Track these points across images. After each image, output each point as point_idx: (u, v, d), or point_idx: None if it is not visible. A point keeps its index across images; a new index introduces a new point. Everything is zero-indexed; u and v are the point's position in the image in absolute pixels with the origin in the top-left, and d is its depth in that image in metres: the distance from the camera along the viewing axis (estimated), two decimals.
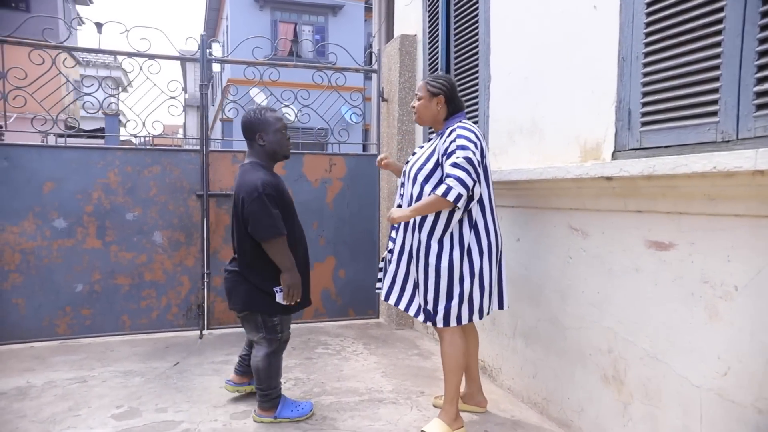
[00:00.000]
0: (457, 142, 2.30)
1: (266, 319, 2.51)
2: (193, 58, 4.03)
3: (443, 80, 2.52)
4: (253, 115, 2.55)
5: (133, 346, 3.76)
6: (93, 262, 3.85)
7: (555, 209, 2.61)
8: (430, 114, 2.52)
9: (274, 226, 2.34)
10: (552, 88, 2.65)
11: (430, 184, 2.38)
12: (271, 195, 2.37)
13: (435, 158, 2.41)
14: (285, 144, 2.60)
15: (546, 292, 2.67)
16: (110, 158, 3.88)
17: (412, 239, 2.45)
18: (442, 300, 2.36)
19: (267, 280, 2.46)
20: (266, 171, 2.49)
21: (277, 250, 2.39)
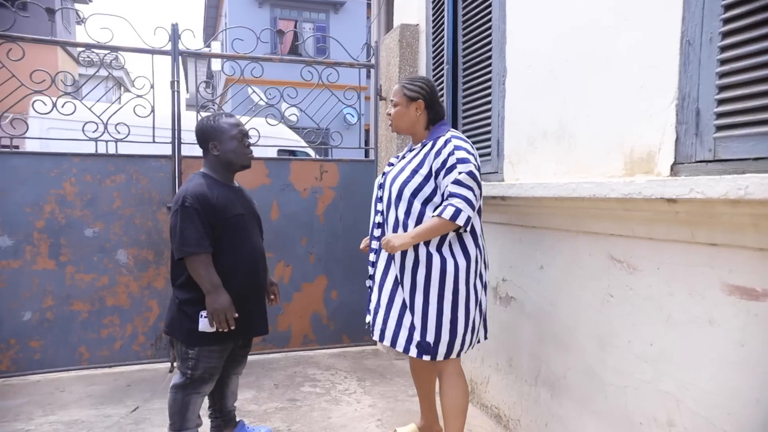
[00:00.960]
0: (456, 155, 2.06)
1: (182, 349, 2.17)
2: (162, 51, 3.52)
3: (422, 83, 2.25)
4: (206, 122, 2.24)
5: (90, 384, 3.25)
6: (44, 286, 3.35)
7: (590, 234, 2.09)
8: (408, 121, 2.25)
9: (189, 243, 2.06)
10: (587, 83, 2.12)
11: (420, 200, 2.10)
12: (193, 208, 2.08)
13: (424, 171, 2.12)
14: (242, 153, 2.28)
15: (578, 335, 2.15)
16: (66, 165, 3.38)
17: (402, 255, 2.13)
18: (446, 326, 2.07)
19: (191, 302, 2.13)
20: (206, 181, 2.18)
21: (194, 270, 2.08)
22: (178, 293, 2.16)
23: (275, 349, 3.88)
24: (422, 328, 2.08)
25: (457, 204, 1.99)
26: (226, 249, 2.15)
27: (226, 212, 2.17)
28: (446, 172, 2.05)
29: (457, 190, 2.01)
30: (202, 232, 2.07)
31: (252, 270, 2.26)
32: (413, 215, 2.11)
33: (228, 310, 2.08)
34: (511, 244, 2.67)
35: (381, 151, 4.16)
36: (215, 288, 2.08)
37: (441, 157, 2.08)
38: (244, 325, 2.20)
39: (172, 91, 3.54)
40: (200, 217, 2.08)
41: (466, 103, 3.14)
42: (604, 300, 2.01)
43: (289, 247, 3.89)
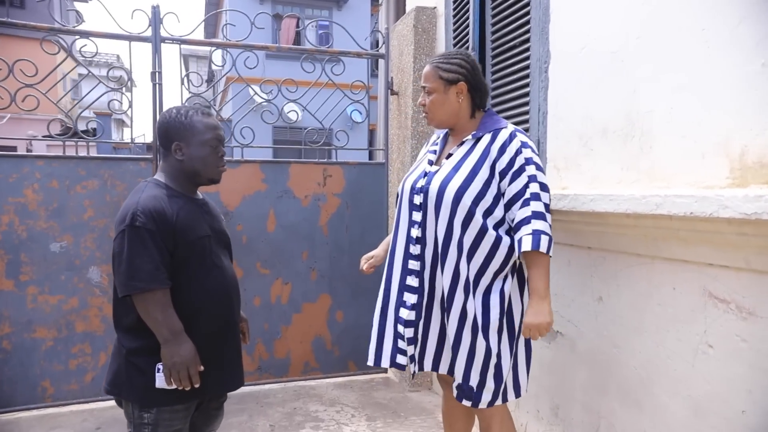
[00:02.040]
0: (525, 155, 1.69)
1: (134, 412, 1.63)
2: (141, 37, 3.05)
3: (460, 59, 1.79)
4: (173, 116, 1.70)
5: (52, 427, 2.77)
6: (0, 311, 2.87)
7: (675, 261, 1.60)
8: (449, 111, 1.81)
9: (140, 276, 1.54)
10: (671, 64, 1.63)
11: (482, 210, 1.69)
12: (146, 228, 1.55)
13: (485, 174, 1.71)
14: (213, 164, 1.74)
15: (658, 392, 1.66)
16: (27, 170, 2.91)
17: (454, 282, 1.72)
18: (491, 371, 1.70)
19: (143, 350, 1.61)
20: (163, 193, 1.65)
21: (146, 312, 1.56)
22: (125, 340, 1.63)
23: (272, 378, 3.40)
24: (465, 371, 1.72)
25: (543, 228, 1.63)
26: (188, 282, 1.64)
27: (189, 234, 1.65)
28: (513, 176, 1.68)
29: (535, 208, 1.64)
30: (157, 261, 1.55)
31: (223, 306, 1.75)
32: (473, 229, 1.68)
33: (191, 363, 1.57)
34: (556, 267, 2.18)
35: (392, 153, 3.68)
36: (175, 335, 1.57)
37: (506, 155, 1.69)
38: (215, 378, 1.69)
39: (152, 84, 3.07)
40: (155, 242, 1.56)
41: (497, 97, 2.66)
42: (698, 350, 1.52)
43: (288, 262, 3.41)
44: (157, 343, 1.57)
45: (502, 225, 1.72)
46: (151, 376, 1.58)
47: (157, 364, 1.58)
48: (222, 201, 3.22)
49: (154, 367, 1.58)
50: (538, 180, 1.68)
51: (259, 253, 3.35)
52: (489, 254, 1.69)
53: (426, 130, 3.42)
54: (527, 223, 1.64)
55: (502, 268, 1.72)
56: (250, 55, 3.26)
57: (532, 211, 1.64)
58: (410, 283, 1.81)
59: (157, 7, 3.06)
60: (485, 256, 1.69)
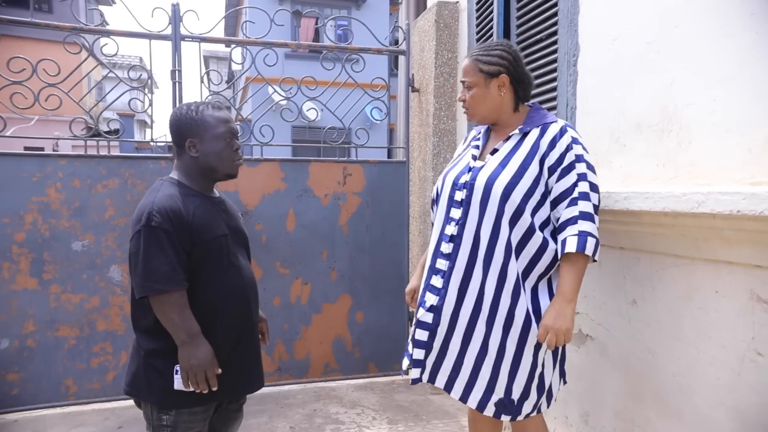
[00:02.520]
0: (575, 151, 1.60)
1: (153, 414, 1.61)
2: (160, 35, 3.04)
3: (501, 50, 1.69)
4: (185, 112, 1.66)
5: (75, 426, 2.78)
6: (25, 309, 2.89)
7: (717, 263, 1.51)
8: (491, 105, 1.71)
9: (156, 277, 1.50)
10: (711, 54, 1.54)
11: (531, 208, 1.60)
12: (162, 228, 1.52)
13: (534, 170, 1.62)
14: (229, 158, 1.69)
15: (699, 401, 1.57)
16: (51, 169, 2.92)
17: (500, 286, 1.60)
18: (536, 381, 1.61)
19: (161, 352, 1.58)
20: (179, 191, 1.62)
21: (163, 313, 1.53)
22: (144, 341, 1.60)
23: (292, 379, 3.37)
24: (508, 384, 1.61)
25: (590, 230, 1.54)
26: (206, 282, 1.60)
27: (206, 233, 1.61)
28: (561, 172, 1.59)
29: (583, 208, 1.55)
30: (174, 261, 1.51)
31: (241, 307, 1.71)
32: (520, 229, 1.59)
33: (208, 366, 1.54)
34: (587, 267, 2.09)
35: (413, 151, 3.62)
36: (192, 337, 1.53)
37: (556, 151, 1.60)
38: (233, 380, 1.66)
39: (172, 82, 3.05)
40: (172, 242, 1.52)
41: None
42: (745, 358, 1.42)
43: (307, 262, 3.37)
44: (176, 345, 1.54)
45: (547, 226, 1.64)
46: (169, 378, 1.55)
47: (175, 365, 1.55)
48: (241, 200, 3.20)
49: (172, 369, 1.55)
50: (588, 179, 1.59)
51: (279, 252, 3.32)
52: (534, 257, 1.60)
53: (447, 127, 3.36)
54: (573, 223, 1.55)
55: (546, 272, 1.63)
56: (269, 53, 3.23)
57: (579, 211, 1.55)
58: (434, 283, 1.69)
59: (177, 6, 3.05)
60: (530, 258, 1.60)
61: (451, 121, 3.36)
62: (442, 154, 3.34)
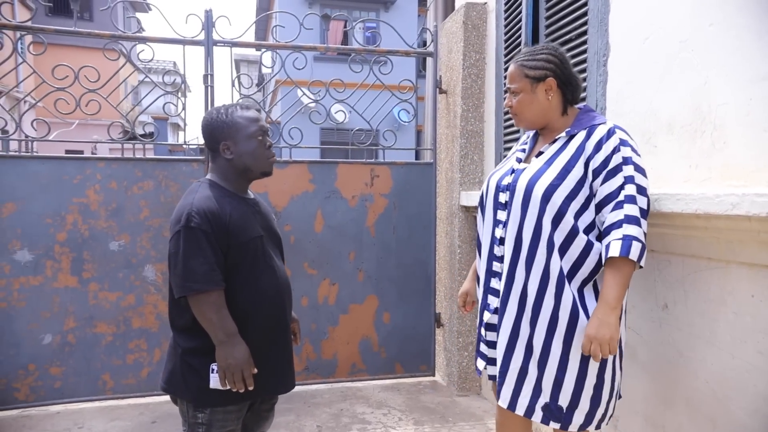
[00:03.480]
0: (623, 153, 1.54)
1: (189, 411, 1.66)
2: (194, 41, 3.12)
3: (547, 54, 1.67)
4: (215, 116, 1.71)
5: (112, 419, 2.88)
6: (66, 306, 3.01)
7: (754, 266, 1.47)
8: (539, 110, 1.68)
9: (195, 277, 1.54)
10: (747, 53, 1.50)
11: (574, 211, 1.57)
12: (201, 230, 1.56)
13: (578, 172, 1.58)
14: (263, 156, 1.74)
15: (734, 408, 1.53)
16: (90, 171, 3.03)
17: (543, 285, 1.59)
18: (588, 390, 1.56)
19: (198, 351, 1.62)
20: (215, 193, 1.66)
21: (202, 313, 1.56)
22: (181, 339, 1.65)
23: (319, 379, 3.41)
24: (554, 388, 1.58)
25: (636, 234, 1.47)
26: (242, 283, 1.64)
27: (242, 235, 1.64)
28: (607, 175, 1.54)
29: (629, 212, 1.49)
30: (212, 262, 1.56)
31: (276, 307, 1.74)
32: (562, 231, 1.56)
33: (245, 365, 1.58)
34: None
35: (440, 153, 3.62)
36: (229, 337, 1.57)
37: (602, 153, 1.55)
38: (267, 380, 1.69)
39: (205, 86, 3.14)
40: (210, 242, 1.56)
41: None
42: None
43: (335, 263, 3.41)
44: (212, 344, 1.58)
45: (592, 230, 1.59)
46: (205, 377, 1.59)
47: (211, 364, 1.59)
48: (270, 201, 3.26)
49: (208, 368, 1.59)
50: (636, 182, 1.52)
51: (307, 253, 3.36)
52: (578, 260, 1.56)
53: (474, 129, 3.35)
54: (618, 227, 1.49)
55: (590, 277, 1.58)
56: (298, 57, 3.29)
57: (625, 215, 1.49)
58: (494, 285, 1.72)
59: (210, 12, 3.13)
60: (574, 261, 1.56)
61: (479, 122, 3.34)
62: (469, 156, 3.33)
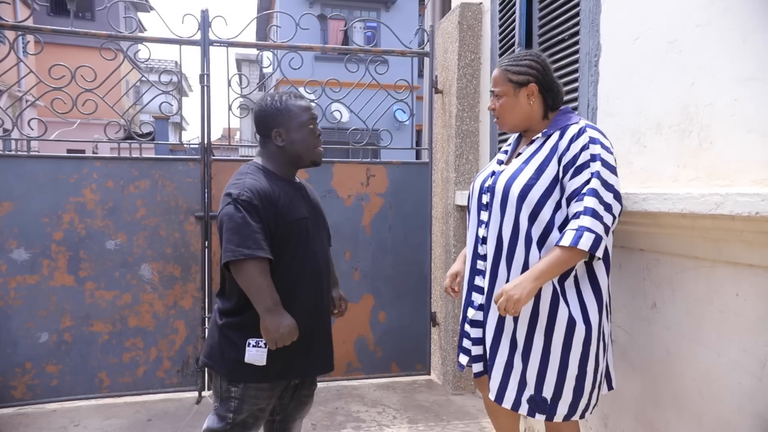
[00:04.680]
0: (591, 150, 1.59)
1: (222, 386, 1.73)
2: (190, 41, 3.14)
3: (530, 60, 1.74)
4: (270, 103, 1.76)
5: (107, 417, 2.90)
6: (62, 304, 3.03)
7: (738, 265, 1.48)
8: (521, 114, 1.76)
9: (247, 243, 1.60)
10: (733, 54, 1.51)
11: (551, 206, 1.64)
12: (252, 204, 1.63)
13: (552, 171, 1.65)
14: (314, 144, 1.81)
15: (720, 407, 1.54)
16: (87, 170, 3.05)
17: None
18: (570, 381, 1.62)
19: (238, 326, 1.69)
20: (266, 176, 1.74)
21: (250, 278, 1.61)
22: (224, 313, 1.72)
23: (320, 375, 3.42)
24: (538, 380, 1.63)
25: (590, 225, 1.52)
26: (286, 263, 1.70)
27: (289, 215, 1.71)
28: (575, 171, 1.60)
29: (588, 204, 1.54)
30: (262, 235, 1.62)
31: (314, 290, 1.79)
32: (540, 224, 1.63)
33: (294, 334, 1.63)
34: None
35: (436, 152, 3.64)
36: (277, 305, 1.62)
37: (572, 150, 1.62)
38: (303, 361, 1.75)
39: (201, 86, 3.15)
40: (261, 217, 1.64)
41: None
42: (766, 362, 1.39)
43: None
44: (252, 319, 1.62)
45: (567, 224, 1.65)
46: (242, 350, 1.64)
47: (248, 339, 1.64)
48: None
49: (245, 342, 1.64)
50: (602, 177, 1.57)
51: None
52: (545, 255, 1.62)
53: (469, 128, 3.36)
54: (576, 218, 1.55)
55: (569, 271, 1.63)
56: (294, 57, 3.30)
57: (584, 207, 1.54)
58: (478, 283, 1.79)
59: (206, 11, 3.15)
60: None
61: (474, 122, 3.36)
62: (465, 156, 3.34)
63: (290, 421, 1.93)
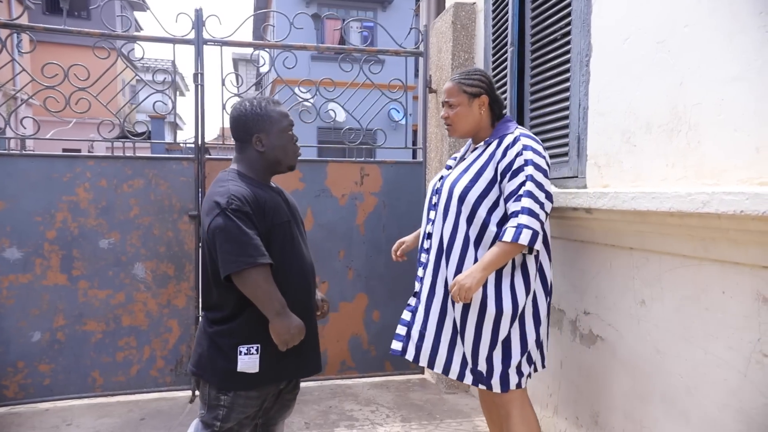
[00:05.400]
0: (525, 156, 1.81)
1: (211, 393, 1.70)
2: (184, 40, 3.14)
3: (480, 75, 2.00)
4: (249, 108, 1.74)
5: (101, 416, 2.89)
6: (55, 303, 3.03)
7: (725, 263, 1.50)
8: (472, 122, 1.99)
9: (250, 252, 1.59)
10: (720, 54, 1.53)
11: (486, 207, 1.86)
12: (240, 210, 1.62)
13: (489, 175, 1.88)
14: (293, 150, 1.82)
15: (707, 403, 1.55)
16: (80, 169, 3.05)
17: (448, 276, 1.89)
18: (497, 355, 1.85)
19: (229, 333, 1.67)
20: (246, 182, 1.72)
21: (257, 286, 1.60)
22: (212, 321, 1.70)
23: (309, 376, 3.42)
24: (473, 356, 1.87)
25: (528, 223, 1.73)
26: (276, 266, 1.68)
27: (276, 218, 1.71)
28: (511, 175, 1.82)
29: (525, 204, 1.75)
30: (255, 239, 1.61)
31: (303, 293, 1.79)
32: (476, 224, 1.86)
33: (302, 335, 1.65)
34: (596, 268, 2.09)
35: (430, 152, 3.64)
36: (284, 308, 1.62)
37: (507, 158, 1.84)
38: (293, 363, 1.73)
39: (195, 85, 3.15)
40: (253, 223, 1.62)
41: (536, 92, 2.58)
42: (751, 359, 1.41)
43: (324, 261, 3.42)
44: (241, 327, 1.62)
45: (504, 223, 1.84)
46: (233, 359, 1.63)
47: (239, 347, 1.63)
48: None
49: (236, 350, 1.63)
50: (535, 179, 1.77)
51: None
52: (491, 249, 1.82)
53: None
54: (515, 216, 1.75)
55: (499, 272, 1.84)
56: (288, 56, 3.30)
57: (521, 207, 1.75)
58: (419, 273, 2.03)
59: (200, 10, 3.15)
60: (487, 250, 1.82)
61: None
62: None
63: (272, 424, 1.91)
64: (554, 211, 2.25)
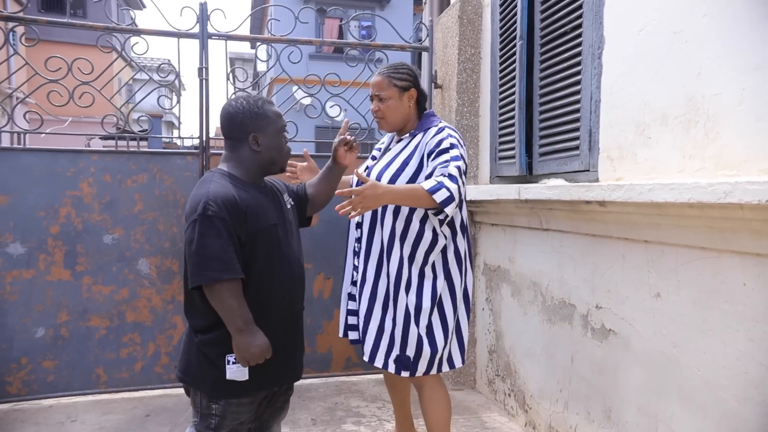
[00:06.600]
0: (450, 140, 1.92)
1: (202, 402, 1.65)
2: (188, 34, 3.11)
3: (407, 69, 2.08)
4: (246, 106, 1.67)
5: (105, 413, 2.86)
6: (59, 299, 2.99)
7: (747, 255, 1.49)
8: (402, 115, 2.06)
9: (214, 266, 1.51)
10: (740, 43, 1.51)
11: None
12: (219, 218, 1.53)
13: (415, 163, 1.96)
14: (286, 151, 1.78)
15: (727, 396, 1.54)
16: (84, 164, 3.01)
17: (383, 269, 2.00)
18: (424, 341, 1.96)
19: (214, 343, 1.61)
20: (232, 182, 1.64)
21: (220, 301, 1.54)
22: (197, 330, 1.64)
23: (314, 373, 3.40)
24: (402, 343, 1.96)
25: (442, 180, 1.79)
26: (259, 272, 1.62)
27: (259, 223, 1.62)
28: (437, 154, 1.89)
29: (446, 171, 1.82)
30: (231, 251, 1.53)
31: (289, 297, 1.74)
32: (401, 218, 1.94)
33: (267, 353, 1.58)
34: (609, 262, 2.08)
35: None
36: (248, 325, 1.55)
37: (433, 142, 1.93)
38: (282, 368, 1.70)
39: (200, 80, 3.12)
40: (228, 231, 1.53)
41: (545, 86, 2.56)
42: None
43: (329, 257, 3.40)
44: (228, 335, 1.56)
45: (427, 219, 1.93)
46: (222, 368, 1.58)
47: (227, 355, 1.57)
48: None
49: (224, 359, 1.58)
50: (458, 162, 1.86)
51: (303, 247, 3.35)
52: (414, 243, 1.94)
53: (470, 123, 3.35)
54: (439, 175, 1.82)
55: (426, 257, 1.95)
56: (293, 51, 3.28)
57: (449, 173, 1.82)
58: (355, 262, 2.14)
59: (205, 4, 3.12)
60: (412, 244, 1.93)
61: (474, 117, 3.35)
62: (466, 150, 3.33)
63: (266, 428, 1.87)
64: (565, 205, 2.25)
